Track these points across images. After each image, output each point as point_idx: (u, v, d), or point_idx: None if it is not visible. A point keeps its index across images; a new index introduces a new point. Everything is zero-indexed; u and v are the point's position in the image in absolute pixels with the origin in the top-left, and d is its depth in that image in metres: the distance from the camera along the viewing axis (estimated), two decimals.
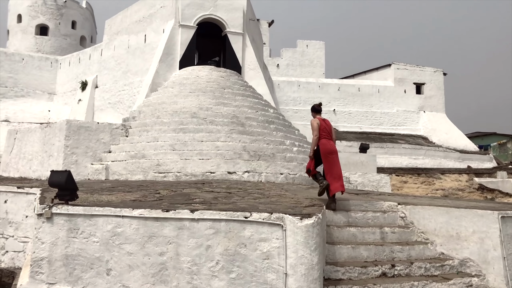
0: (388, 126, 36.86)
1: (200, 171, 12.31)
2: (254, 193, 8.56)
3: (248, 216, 5.72)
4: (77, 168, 13.05)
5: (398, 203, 8.30)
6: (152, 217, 5.85)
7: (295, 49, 43.95)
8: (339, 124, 36.00)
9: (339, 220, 7.63)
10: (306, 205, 6.74)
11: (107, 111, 24.76)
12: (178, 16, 20.05)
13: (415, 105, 37.97)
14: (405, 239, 7.52)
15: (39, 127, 14.90)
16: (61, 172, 6.14)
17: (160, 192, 8.32)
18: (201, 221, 5.78)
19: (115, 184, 10.42)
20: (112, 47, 25.22)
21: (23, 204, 9.47)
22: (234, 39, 20.68)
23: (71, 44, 35.98)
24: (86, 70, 28.08)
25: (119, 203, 6.53)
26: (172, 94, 16.94)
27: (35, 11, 35.05)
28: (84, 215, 5.91)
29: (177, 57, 19.87)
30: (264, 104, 17.77)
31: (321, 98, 36.41)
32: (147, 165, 12.49)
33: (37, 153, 14.32)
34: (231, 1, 20.68)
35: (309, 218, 5.63)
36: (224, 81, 17.94)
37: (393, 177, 23.66)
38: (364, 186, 15.69)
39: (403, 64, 38.57)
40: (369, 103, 37.20)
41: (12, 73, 30.07)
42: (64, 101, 29.90)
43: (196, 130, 14.05)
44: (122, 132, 14.39)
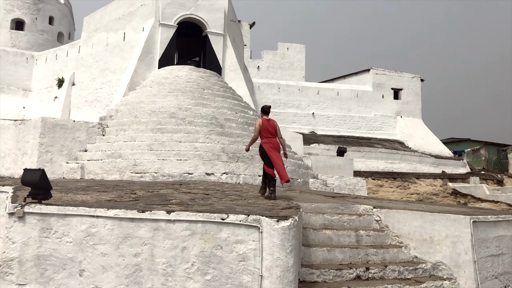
0: (365, 130, 37.29)
1: (178, 172, 12.22)
2: (232, 194, 8.55)
3: (225, 217, 5.70)
4: (52, 166, 12.81)
5: (373, 207, 8.40)
6: (128, 217, 5.78)
7: (276, 52, 44.08)
8: (318, 128, 36.23)
9: (315, 223, 7.68)
10: (283, 208, 6.76)
11: (83, 109, 24.37)
12: (158, 15, 19.91)
13: (393, 110, 38.52)
14: (379, 243, 7.62)
15: (13, 124, 14.56)
16: (34, 171, 6.03)
17: (136, 193, 8.24)
18: (177, 222, 5.74)
19: (90, 183, 10.26)
20: (91, 44, 24.86)
21: None
22: (215, 39, 20.64)
23: (48, 40, 35.26)
24: (63, 67, 27.59)
25: (94, 203, 6.43)
26: (150, 94, 16.79)
27: (10, 5, 34.24)
28: (58, 214, 5.80)
29: (156, 56, 19.72)
30: (244, 106, 17.78)
31: (301, 101, 36.62)
32: (124, 165, 12.34)
33: (10, 150, 14.00)
34: (212, 2, 20.64)
35: (286, 221, 5.65)
36: (204, 81, 17.87)
37: (369, 180, 23.94)
38: (340, 189, 15.83)
39: (382, 70, 39.09)
40: (347, 107, 37.57)
41: None
42: (39, 98, 29.31)
43: (175, 130, 13.95)
44: (98, 131, 14.19)
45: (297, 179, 13.63)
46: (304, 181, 13.86)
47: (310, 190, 12.94)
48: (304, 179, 14.00)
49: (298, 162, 15.13)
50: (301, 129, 34.40)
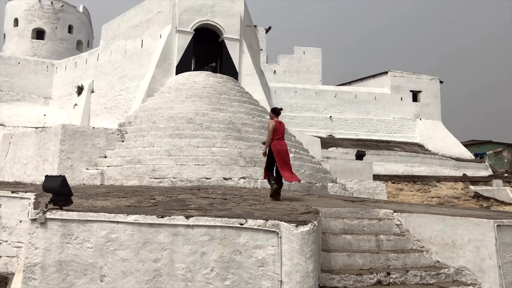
0: (384, 134, 36.93)
1: (196, 176, 12.26)
2: (250, 199, 8.53)
3: (244, 222, 5.69)
4: (72, 173, 12.98)
5: (393, 211, 8.28)
6: (147, 223, 5.81)
7: (292, 56, 44.06)
8: (335, 131, 36.04)
9: (334, 227, 7.61)
10: (301, 212, 6.72)
11: (103, 116, 24.70)
12: (175, 22, 20.08)
13: (412, 112, 38.09)
14: (400, 247, 7.50)
15: (34, 132, 14.82)
16: (55, 177, 6.11)
17: (155, 198, 8.28)
18: (196, 227, 5.74)
19: (110, 189, 10.36)
20: (109, 51, 25.21)
21: (17, 209, 9.40)
22: (231, 45, 20.71)
23: (67, 48, 35.93)
24: (82, 75, 28.03)
25: (113, 209, 6.48)
26: (168, 100, 16.92)
27: (31, 15, 35.01)
28: (78, 220, 5.86)
29: (173, 63, 19.87)
30: (261, 110, 17.78)
31: (318, 105, 36.49)
32: (143, 171, 12.43)
33: (32, 157, 14.24)
34: (229, 7, 20.74)
35: (305, 225, 5.61)
36: (220, 86, 17.94)
37: (389, 184, 23.68)
38: (360, 193, 15.69)
39: (400, 72, 38.73)
40: (365, 110, 37.28)
41: (8, 77, 29.99)
42: (60, 105, 29.82)
43: (192, 135, 14.02)
44: (118, 137, 14.34)
45: (315, 183, 13.55)
46: (323, 186, 13.77)
47: (329, 194, 12.84)
48: (323, 184, 13.91)
49: (316, 166, 15.04)
50: (318, 132, 34.26)
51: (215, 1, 20.52)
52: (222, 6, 20.61)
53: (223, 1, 20.65)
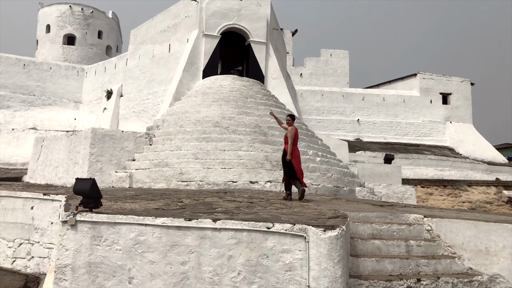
0: (413, 137, 36.28)
1: (222, 180, 12.30)
2: (276, 203, 8.49)
3: (271, 226, 5.65)
4: (102, 175, 13.20)
5: (424, 216, 8.09)
6: (175, 225, 5.84)
7: (319, 58, 43.83)
8: (363, 134, 35.61)
9: (363, 232, 7.49)
10: (329, 217, 6.63)
11: (131, 120, 25.09)
12: (202, 26, 20.25)
13: (441, 115, 37.30)
14: (431, 253, 7.32)
15: (65, 135, 15.16)
16: (85, 180, 6.21)
17: (182, 201, 8.33)
18: (223, 230, 5.74)
19: (138, 192, 10.49)
20: (137, 56, 25.62)
21: (48, 210, 9.61)
22: (258, 48, 20.74)
23: (97, 53, 36.72)
24: (111, 79, 28.58)
25: (142, 211, 6.55)
26: (195, 103, 17.05)
27: (63, 21, 35.94)
28: (108, 222, 5.94)
29: (200, 67, 20.03)
30: (287, 113, 17.69)
31: (345, 108, 36.15)
32: (170, 174, 12.55)
33: (63, 160, 14.57)
34: (255, 11, 20.79)
35: (333, 230, 5.53)
36: (247, 90, 17.97)
37: (418, 188, 23.19)
38: (388, 198, 15.42)
39: (429, 74, 38.00)
40: (394, 113, 36.72)
41: (40, 82, 30.81)
42: (89, 109, 30.45)
43: (219, 139, 14.08)
44: (146, 141, 14.53)
45: (342, 187, 13.40)
46: (350, 190, 13.60)
47: (356, 198, 12.67)
48: (350, 188, 13.74)
49: (344, 170, 14.87)
50: (346, 136, 33.93)
51: (242, 4, 20.60)
52: (249, 10, 20.67)
53: (250, 5, 20.72)
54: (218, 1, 20.40)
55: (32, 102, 30.18)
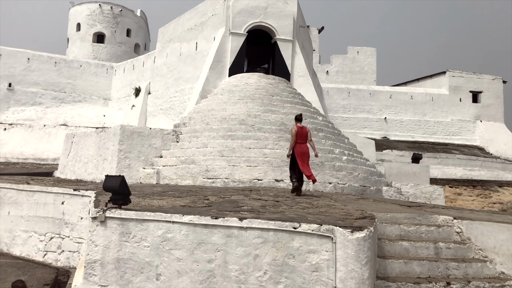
0: (442, 136, 35.54)
1: (248, 178, 12.33)
2: (302, 202, 8.45)
3: (297, 226, 5.64)
4: (130, 172, 13.41)
5: (453, 217, 7.93)
6: (202, 223, 5.89)
7: (346, 56, 43.39)
8: (390, 133, 35.10)
9: (391, 233, 7.39)
10: (356, 217, 6.57)
11: (159, 117, 25.40)
12: (229, 24, 20.30)
13: (471, 114, 36.42)
14: (461, 256, 7.17)
15: (95, 132, 15.46)
16: (115, 177, 6.32)
17: (208, 198, 8.39)
18: (250, 229, 5.75)
19: (165, 188, 10.62)
20: (165, 54, 25.90)
21: (78, 206, 9.83)
22: (284, 46, 20.67)
23: (125, 51, 37.29)
24: (139, 77, 28.98)
25: (169, 209, 6.62)
26: (221, 101, 17.13)
27: (93, 20, 36.64)
28: (136, 219, 6.03)
29: (227, 65, 20.10)
30: (313, 111, 17.61)
31: (372, 106, 35.70)
32: (196, 171, 12.66)
33: (92, 156, 14.86)
34: (282, 9, 20.71)
35: (360, 231, 5.48)
36: (272, 88, 17.95)
37: (446, 188, 22.76)
38: (416, 198, 15.17)
39: (459, 72, 37.13)
40: (422, 111, 36.05)
41: (71, 79, 31.49)
42: (118, 106, 30.96)
43: (244, 137, 14.10)
44: (173, 138, 14.69)
45: (369, 186, 13.25)
46: (377, 189, 13.44)
47: (384, 198, 12.52)
48: (377, 187, 13.57)
49: (371, 169, 14.70)
50: (372, 134, 33.51)
51: (268, 2, 20.56)
52: (275, 8, 20.61)
53: (276, 3, 20.65)
54: None
55: (63, 99, 30.89)
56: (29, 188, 10.98)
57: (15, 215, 10.96)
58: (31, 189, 10.90)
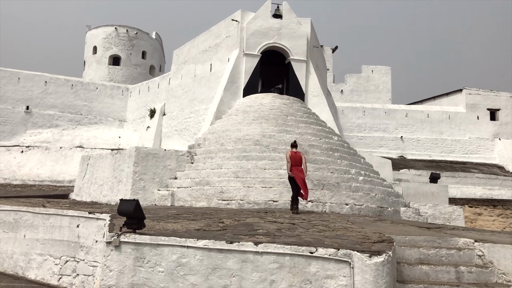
0: (459, 154, 35.00)
1: (263, 199, 12.22)
2: (319, 225, 8.31)
3: (314, 251, 5.52)
4: (145, 193, 13.41)
5: (475, 240, 7.71)
6: (216, 248, 5.80)
7: (360, 75, 43.34)
8: (407, 152, 34.70)
9: (410, 257, 7.19)
10: (374, 241, 6.41)
11: (173, 138, 25.52)
12: (243, 45, 20.47)
13: (490, 132, 35.87)
14: (484, 280, 6.93)
15: (110, 154, 15.55)
16: (129, 201, 6.29)
17: (223, 221, 8.30)
18: (265, 254, 5.65)
19: (180, 211, 10.56)
20: (180, 76, 26.16)
21: (93, 229, 9.79)
22: (298, 66, 20.72)
23: (141, 73, 37.80)
24: (154, 98, 29.26)
25: (184, 233, 6.55)
26: (236, 122, 17.15)
27: (109, 43, 37.31)
28: (151, 244, 5.97)
29: (241, 85, 20.18)
30: (328, 131, 17.52)
31: (388, 125, 35.42)
32: (211, 192, 12.60)
33: (108, 178, 14.92)
34: (295, 29, 20.84)
35: (379, 256, 5.34)
36: (287, 108, 17.93)
37: (466, 208, 22.29)
38: (435, 219, 14.85)
39: (476, 89, 36.74)
40: (439, 130, 35.62)
41: (87, 101, 31.94)
42: (133, 127, 31.24)
43: (259, 157, 14.04)
44: (187, 159, 14.69)
45: (387, 207, 13.02)
46: (395, 210, 13.20)
47: (402, 220, 12.27)
48: (395, 208, 13.34)
49: (388, 190, 14.46)
50: (389, 153, 33.16)
51: (282, 23, 20.71)
52: (289, 28, 20.75)
53: (290, 23, 20.80)
54: (258, 21, 20.61)
55: (79, 121, 31.29)
56: (44, 211, 11.00)
57: (31, 238, 10.97)
58: (46, 212, 10.92)
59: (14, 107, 29.93)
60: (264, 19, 20.71)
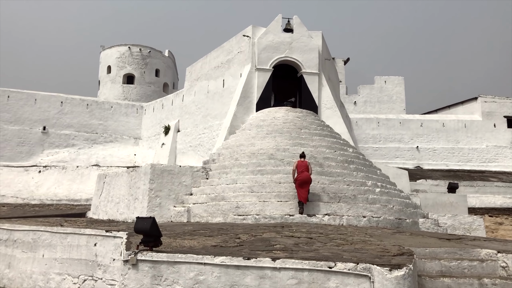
0: (477, 163, 34.50)
1: (279, 213, 12.14)
2: (337, 238, 8.20)
3: (333, 266, 5.43)
4: (161, 210, 13.43)
5: (497, 251, 7.52)
6: (234, 265, 5.75)
7: (373, 86, 43.22)
8: (423, 162, 34.30)
9: (431, 270, 7.04)
10: (394, 254, 6.30)
11: (188, 154, 25.62)
12: (254, 60, 20.58)
13: (507, 139, 35.31)
14: None
15: (126, 172, 15.64)
16: (146, 219, 6.29)
17: (240, 237, 8.24)
18: (283, 270, 5.58)
19: (196, 227, 10.53)
20: (193, 92, 26.36)
21: (110, 247, 9.79)
22: (310, 79, 20.74)
23: (154, 91, 38.21)
24: (168, 115, 29.51)
25: (201, 249, 6.51)
26: (249, 136, 17.16)
27: (122, 62, 37.87)
28: (168, 262, 5.95)
29: (254, 100, 20.24)
30: (343, 143, 17.41)
31: (403, 135, 35.15)
32: (227, 208, 12.56)
33: (124, 196, 14.99)
34: (306, 43, 20.90)
35: (399, 270, 5.23)
36: (300, 121, 17.90)
37: (486, 218, 21.83)
38: (454, 229, 14.56)
39: (491, 97, 36.32)
40: (455, 138, 35.20)
41: (102, 120, 32.35)
42: (148, 145, 31.47)
43: (274, 171, 13.99)
44: (202, 175, 14.70)
45: (405, 219, 12.82)
46: (413, 222, 12.99)
47: (421, 231, 12.06)
48: (413, 219, 13.12)
49: (405, 201, 14.26)
50: (405, 164, 32.84)
51: (293, 37, 20.80)
52: (300, 42, 20.82)
53: (301, 37, 20.88)
54: (269, 35, 20.73)
55: (95, 140, 31.66)
56: (62, 230, 11.07)
57: (49, 257, 11.03)
58: (64, 231, 10.98)
59: (31, 128, 30.44)
60: (275, 34, 20.83)
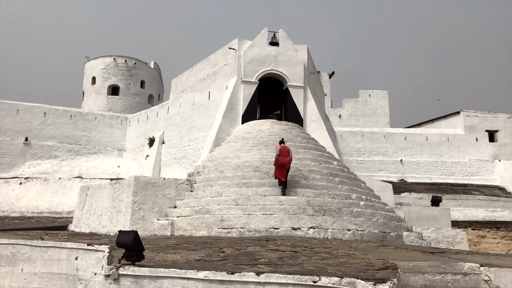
0: (460, 176, 34.92)
1: (264, 226, 12.07)
2: (321, 252, 8.17)
3: (317, 280, 5.39)
4: (144, 223, 13.26)
5: (480, 264, 7.57)
6: (217, 279, 5.68)
7: (357, 99, 43.66)
8: (407, 175, 34.60)
9: (415, 284, 7.04)
10: (378, 268, 6.29)
11: (173, 166, 25.43)
12: (240, 73, 20.63)
13: (489, 153, 35.87)
14: None
15: (109, 184, 15.45)
16: (128, 233, 6.19)
17: (224, 251, 8.16)
18: (267, 285, 5.52)
19: (180, 240, 10.41)
20: (178, 104, 26.27)
21: (92, 261, 9.60)
22: (295, 92, 20.85)
23: (139, 102, 37.98)
24: (153, 127, 29.32)
25: (184, 264, 6.42)
26: (235, 149, 17.12)
27: (107, 73, 37.61)
28: (150, 276, 5.85)
29: (239, 112, 20.25)
30: (328, 156, 17.47)
31: (387, 148, 35.44)
32: (211, 221, 12.45)
33: (107, 209, 14.77)
34: (292, 56, 21.04)
35: (384, 284, 5.21)
36: (286, 134, 17.93)
37: (469, 231, 22.04)
38: (438, 243, 14.66)
39: (473, 111, 36.92)
40: (438, 152, 35.63)
41: (86, 131, 32.00)
42: (132, 157, 31.18)
43: (259, 184, 13.95)
44: (187, 187, 14.59)
45: (389, 232, 12.86)
46: (398, 235, 13.03)
47: (405, 245, 12.10)
48: (397, 233, 13.17)
49: (390, 214, 14.32)
50: (389, 177, 33.07)
51: (279, 51, 20.93)
52: (286, 56, 20.96)
53: (287, 51, 21.02)
54: (255, 49, 20.83)
55: (78, 151, 31.26)
56: (42, 243, 10.83)
57: (29, 272, 10.77)
58: (44, 245, 10.74)
59: (13, 138, 29.95)
60: (261, 47, 20.94)
